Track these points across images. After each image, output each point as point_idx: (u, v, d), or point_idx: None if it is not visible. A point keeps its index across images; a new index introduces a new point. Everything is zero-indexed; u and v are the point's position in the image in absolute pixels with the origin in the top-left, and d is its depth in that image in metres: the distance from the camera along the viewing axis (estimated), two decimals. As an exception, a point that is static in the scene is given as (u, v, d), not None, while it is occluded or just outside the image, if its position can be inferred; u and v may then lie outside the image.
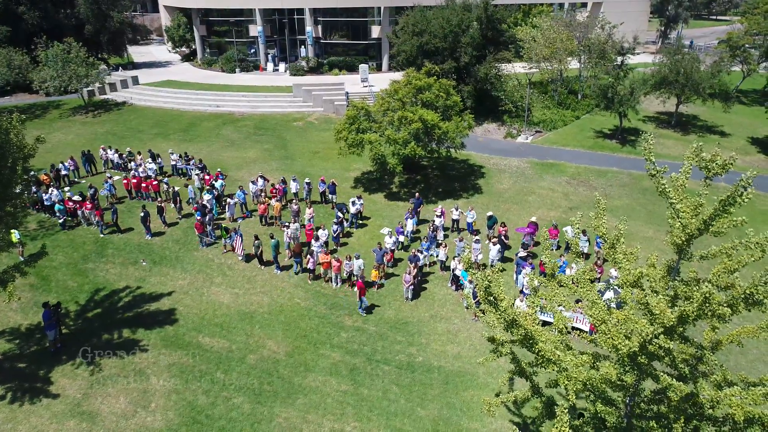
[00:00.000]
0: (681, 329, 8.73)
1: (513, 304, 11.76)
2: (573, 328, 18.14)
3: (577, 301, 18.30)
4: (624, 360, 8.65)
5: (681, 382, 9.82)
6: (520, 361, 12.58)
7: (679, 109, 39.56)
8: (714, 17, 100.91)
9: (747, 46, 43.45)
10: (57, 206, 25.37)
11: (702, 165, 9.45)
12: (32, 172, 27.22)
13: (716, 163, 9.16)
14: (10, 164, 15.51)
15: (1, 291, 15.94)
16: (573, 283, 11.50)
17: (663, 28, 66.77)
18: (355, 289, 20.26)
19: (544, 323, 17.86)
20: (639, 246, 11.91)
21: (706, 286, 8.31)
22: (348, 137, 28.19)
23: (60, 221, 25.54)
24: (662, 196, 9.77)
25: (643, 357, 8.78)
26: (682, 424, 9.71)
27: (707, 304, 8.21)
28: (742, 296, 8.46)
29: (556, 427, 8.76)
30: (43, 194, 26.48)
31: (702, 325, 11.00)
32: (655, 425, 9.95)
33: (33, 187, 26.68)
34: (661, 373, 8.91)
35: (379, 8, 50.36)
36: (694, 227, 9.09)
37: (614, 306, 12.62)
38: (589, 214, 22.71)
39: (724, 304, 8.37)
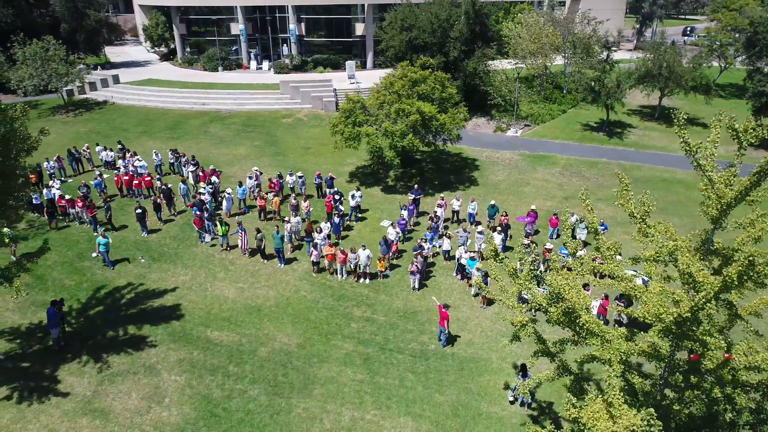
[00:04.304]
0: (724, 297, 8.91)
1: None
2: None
3: (585, 286, 18.58)
4: (671, 328, 8.75)
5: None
6: (545, 341, 12.69)
7: (662, 102, 40.47)
8: (683, 16, 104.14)
9: (724, 41, 44.73)
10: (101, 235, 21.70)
11: (733, 136, 9.60)
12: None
13: (748, 132, 9.31)
14: (13, 156, 14.95)
15: (7, 287, 15.34)
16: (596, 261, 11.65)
17: (638, 26, 68.27)
18: (439, 318, 17.80)
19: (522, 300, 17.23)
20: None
21: (749, 249, 8.48)
22: (344, 131, 28.03)
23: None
24: (697, 169, 9.92)
25: (687, 326, 8.86)
26: (718, 392, 9.90)
27: (752, 267, 8.34)
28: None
29: (608, 395, 8.81)
30: (32, 194, 25.61)
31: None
32: (691, 394, 10.12)
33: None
34: (705, 336, 8.98)
35: (363, 5, 50.29)
36: (730, 197, 9.24)
37: (640, 281, 12.84)
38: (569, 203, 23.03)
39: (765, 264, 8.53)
